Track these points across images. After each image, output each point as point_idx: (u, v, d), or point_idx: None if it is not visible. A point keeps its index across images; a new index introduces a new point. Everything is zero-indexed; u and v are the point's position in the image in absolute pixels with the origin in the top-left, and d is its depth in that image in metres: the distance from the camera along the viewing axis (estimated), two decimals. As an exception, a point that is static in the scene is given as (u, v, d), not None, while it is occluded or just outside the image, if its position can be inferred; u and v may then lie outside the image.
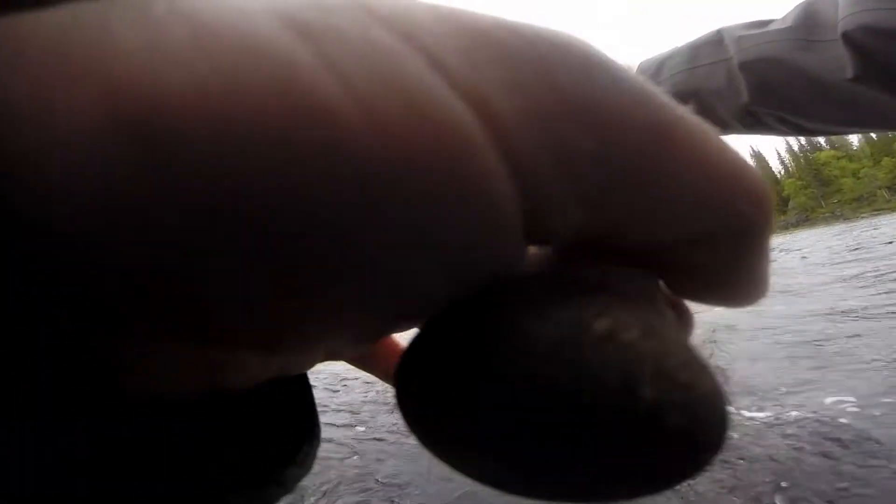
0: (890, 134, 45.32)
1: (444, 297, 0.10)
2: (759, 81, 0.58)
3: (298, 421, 0.15)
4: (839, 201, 52.70)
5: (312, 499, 0.56)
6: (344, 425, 0.80)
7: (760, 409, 0.72)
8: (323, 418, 0.17)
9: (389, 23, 0.08)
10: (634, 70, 0.32)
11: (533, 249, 0.13)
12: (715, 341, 1.19)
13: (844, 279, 1.99)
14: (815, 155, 60.40)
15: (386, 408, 0.83)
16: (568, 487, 0.10)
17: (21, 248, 0.07)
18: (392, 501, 0.55)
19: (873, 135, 55.40)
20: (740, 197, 0.10)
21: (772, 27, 0.59)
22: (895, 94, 0.41)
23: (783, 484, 0.51)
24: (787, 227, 50.30)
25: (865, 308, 1.31)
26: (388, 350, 0.22)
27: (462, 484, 0.54)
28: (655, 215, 0.10)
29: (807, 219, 52.96)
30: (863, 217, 37.62)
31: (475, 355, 0.10)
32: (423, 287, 0.09)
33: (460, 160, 0.07)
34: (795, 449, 0.58)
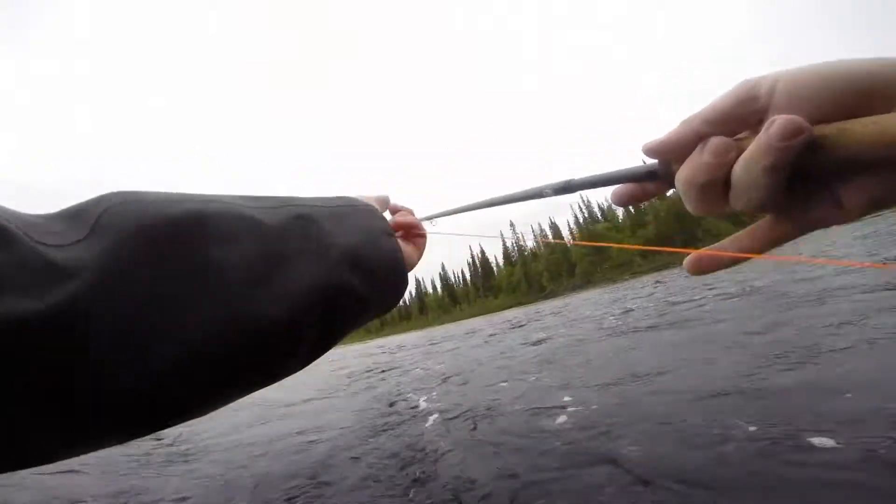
0: (642, 206, 56.11)
1: None
2: None
3: None
4: (609, 266, 63.08)
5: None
6: None
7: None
8: None
9: None
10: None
11: None
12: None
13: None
14: (594, 227, 72.04)
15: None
16: None
17: None
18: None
19: (631, 208, 68.68)
20: None
21: None
22: None
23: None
24: (573, 289, 57.83)
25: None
26: None
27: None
28: None
29: (588, 281, 61.98)
30: (624, 280, 45.10)
31: None
32: None
33: None
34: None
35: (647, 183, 0.40)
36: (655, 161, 0.38)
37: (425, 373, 4.82)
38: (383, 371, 6.04)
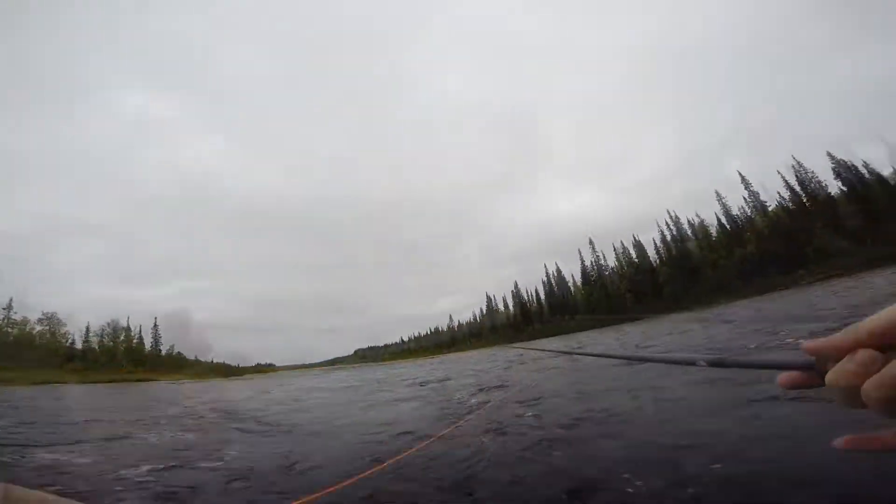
0: (739, 222, 51.72)
1: None
2: None
3: None
4: (701, 290, 58.42)
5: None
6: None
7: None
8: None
9: None
10: None
11: None
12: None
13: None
14: (683, 245, 67.33)
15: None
16: None
17: None
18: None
19: (727, 224, 63.26)
20: None
21: None
22: None
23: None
24: (660, 312, 54.16)
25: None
26: None
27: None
28: None
29: (677, 304, 57.79)
30: (719, 304, 41.63)
31: None
32: None
33: None
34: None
35: (807, 373, 0.46)
36: (811, 358, 0.44)
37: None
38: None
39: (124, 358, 73.78)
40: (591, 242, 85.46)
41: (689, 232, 69.57)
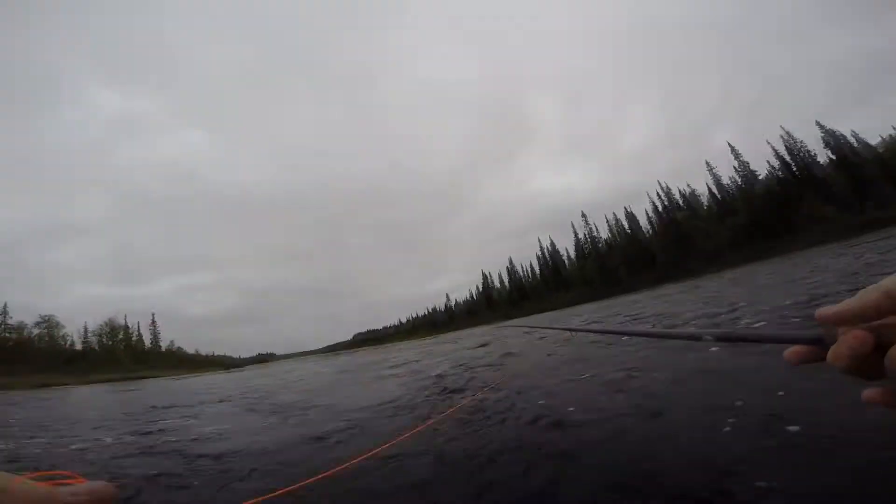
0: (730, 192, 52.76)
1: None
2: None
3: None
4: (694, 259, 59.78)
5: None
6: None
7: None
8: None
9: None
10: None
11: None
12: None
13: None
14: (675, 215, 68.43)
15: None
16: None
17: None
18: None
19: (717, 193, 64.28)
20: None
21: None
22: None
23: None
24: (653, 283, 55.53)
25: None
26: None
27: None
28: None
29: (669, 275, 59.17)
30: (710, 273, 42.88)
31: None
32: None
33: None
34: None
35: (815, 347, 0.46)
36: (820, 331, 0.45)
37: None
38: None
39: (125, 356, 74.11)
40: (583, 215, 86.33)
41: (680, 203, 70.63)
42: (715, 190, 66.70)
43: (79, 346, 72.42)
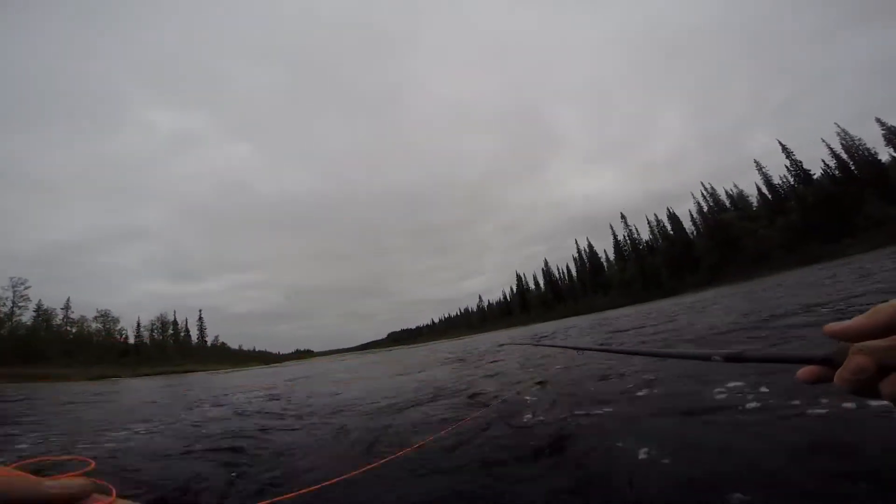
0: (782, 191, 50.45)
1: None
2: None
3: None
4: (742, 260, 57.70)
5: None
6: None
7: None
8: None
9: None
10: None
11: None
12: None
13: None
14: (722, 216, 66.24)
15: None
16: None
17: None
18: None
19: (768, 193, 61.83)
20: None
21: None
22: None
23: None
24: (697, 286, 54.16)
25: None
26: None
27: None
28: None
29: (716, 277, 57.48)
30: (761, 276, 41.45)
31: None
32: None
33: None
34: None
35: (825, 367, 0.47)
36: (830, 351, 0.46)
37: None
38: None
39: (173, 350, 78.31)
40: (622, 217, 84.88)
41: (727, 203, 68.36)
42: (765, 190, 64.15)
43: (132, 340, 77.02)
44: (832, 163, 54.73)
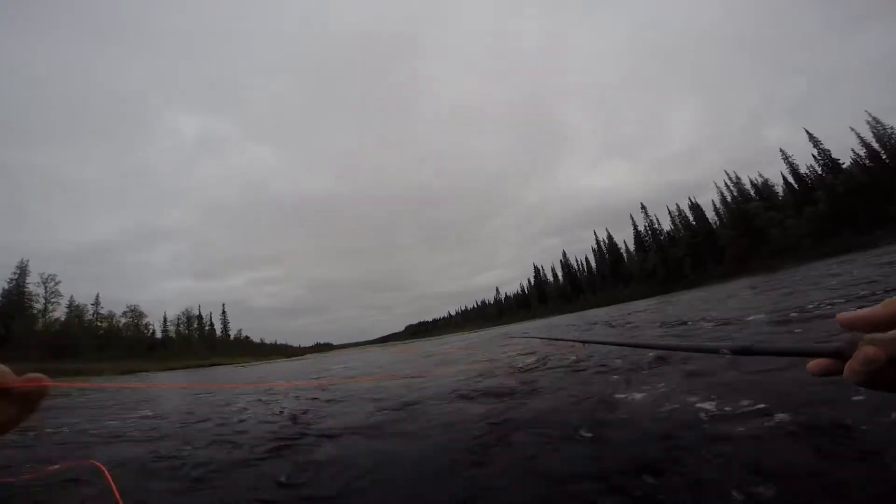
0: (809, 181, 49.94)
1: None
2: None
3: None
4: (768, 251, 57.42)
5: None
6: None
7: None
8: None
9: None
10: None
11: None
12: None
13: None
14: (746, 206, 65.75)
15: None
16: None
17: None
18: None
19: (794, 182, 61.26)
20: None
21: None
22: None
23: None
24: (721, 278, 54.13)
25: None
26: None
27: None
28: None
29: (741, 268, 57.33)
30: (786, 268, 41.47)
31: None
32: None
33: None
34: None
35: (836, 360, 0.46)
36: (840, 343, 0.46)
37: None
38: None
39: (199, 344, 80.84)
40: (642, 207, 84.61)
41: (752, 193, 67.81)
42: (792, 179, 63.49)
43: (158, 335, 79.69)
44: (862, 152, 54.20)
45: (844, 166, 56.23)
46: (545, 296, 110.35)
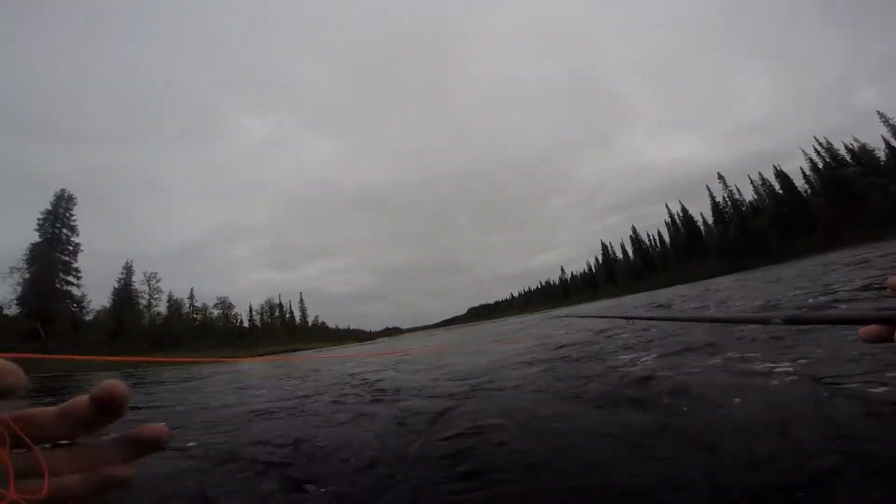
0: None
1: None
2: None
3: None
4: (866, 220, 52.14)
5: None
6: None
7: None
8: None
9: None
10: None
11: None
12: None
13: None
14: (841, 172, 59.95)
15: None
16: None
17: None
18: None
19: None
20: None
21: None
22: None
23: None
24: (812, 250, 50.06)
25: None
26: None
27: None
28: None
29: (835, 239, 52.62)
30: (890, 238, 37.69)
31: None
32: None
33: None
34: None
35: (888, 326, 0.45)
36: (892, 311, 0.45)
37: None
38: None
39: (281, 331, 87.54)
40: (720, 177, 79.34)
41: (847, 159, 61.61)
42: (894, 142, 56.95)
43: (246, 324, 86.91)
44: None
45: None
46: (614, 274, 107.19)
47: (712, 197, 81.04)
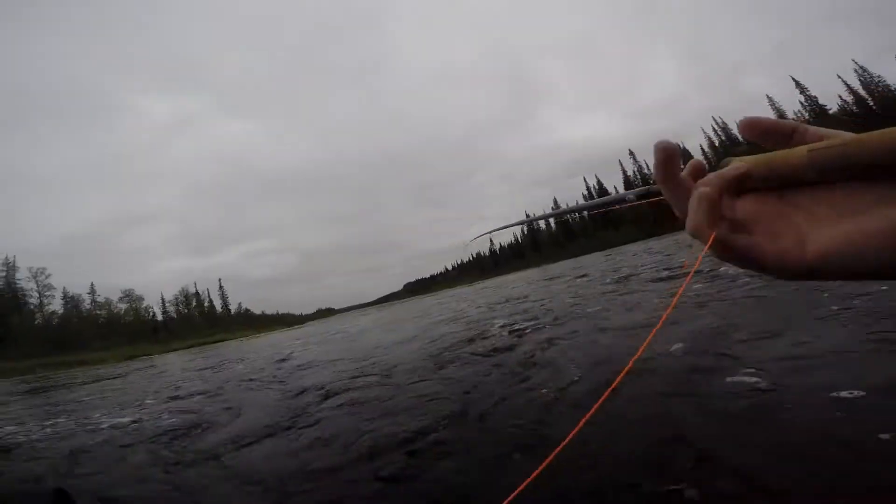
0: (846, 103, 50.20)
1: None
2: None
3: None
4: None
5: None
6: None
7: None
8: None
9: None
10: None
11: None
12: None
13: None
14: (735, 150, 66.11)
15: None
16: None
17: None
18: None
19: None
20: None
21: None
22: None
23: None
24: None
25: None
26: None
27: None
28: None
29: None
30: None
31: None
32: None
33: None
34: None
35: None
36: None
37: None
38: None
39: (200, 322, 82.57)
40: (631, 153, 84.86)
41: (740, 137, 67.71)
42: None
43: (159, 317, 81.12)
44: (849, 98, 54.22)
45: (831, 112, 56.38)
46: (538, 244, 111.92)
47: (624, 171, 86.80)
